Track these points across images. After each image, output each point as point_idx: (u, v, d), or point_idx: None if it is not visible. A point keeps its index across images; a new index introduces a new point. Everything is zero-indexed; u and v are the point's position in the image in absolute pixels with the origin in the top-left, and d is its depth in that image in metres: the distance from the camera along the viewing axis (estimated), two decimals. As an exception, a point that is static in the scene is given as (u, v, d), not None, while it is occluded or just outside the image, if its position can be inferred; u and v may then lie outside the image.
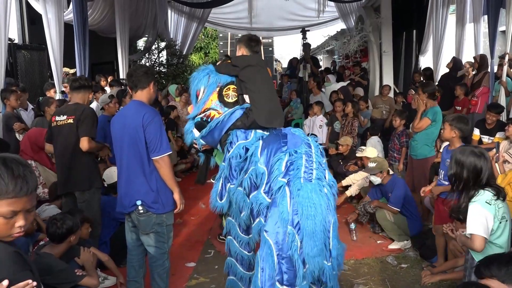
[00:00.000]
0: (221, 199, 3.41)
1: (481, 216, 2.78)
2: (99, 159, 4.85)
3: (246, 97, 3.35)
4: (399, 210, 4.94)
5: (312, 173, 2.88)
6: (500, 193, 2.85)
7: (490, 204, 2.79)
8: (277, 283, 2.82)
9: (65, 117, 4.11)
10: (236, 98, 3.40)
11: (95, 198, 4.24)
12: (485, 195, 2.82)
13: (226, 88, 3.41)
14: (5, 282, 1.53)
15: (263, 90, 3.33)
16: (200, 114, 3.46)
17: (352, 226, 5.25)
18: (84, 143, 4.03)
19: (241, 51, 3.60)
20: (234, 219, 3.40)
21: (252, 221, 3.18)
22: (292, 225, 2.77)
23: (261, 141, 3.19)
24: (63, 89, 7.34)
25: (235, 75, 3.40)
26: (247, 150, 3.26)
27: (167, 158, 3.38)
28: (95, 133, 4.09)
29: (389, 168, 5.36)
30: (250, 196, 3.12)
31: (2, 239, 1.64)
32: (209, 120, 3.40)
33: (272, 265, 2.83)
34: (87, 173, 4.20)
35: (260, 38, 3.72)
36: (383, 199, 5.26)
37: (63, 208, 4.28)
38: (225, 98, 3.38)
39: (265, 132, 3.34)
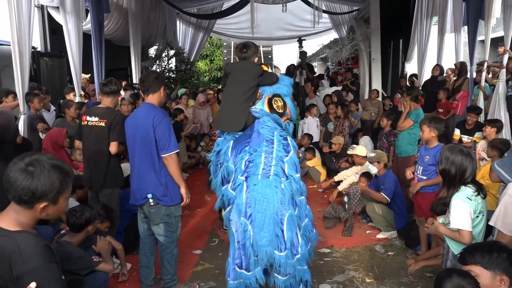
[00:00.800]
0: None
1: (466, 211, 2.77)
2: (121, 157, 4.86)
3: None
4: (389, 200, 4.93)
5: (270, 169, 2.86)
6: (481, 191, 2.84)
7: (471, 200, 2.78)
8: (236, 267, 2.87)
9: (96, 119, 4.04)
10: None
11: (115, 193, 4.25)
12: (466, 191, 2.82)
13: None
14: (33, 285, 1.57)
15: (226, 96, 3.35)
16: None
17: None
18: (114, 148, 4.03)
19: (237, 59, 3.63)
20: None
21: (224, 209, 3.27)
22: (245, 216, 2.79)
23: (232, 142, 3.20)
24: (82, 94, 7.32)
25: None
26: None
27: (174, 155, 3.39)
28: (124, 138, 4.11)
29: (387, 163, 5.38)
30: (222, 188, 3.19)
31: (52, 219, 1.77)
32: None
33: (234, 250, 2.89)
34: (113, 172, 4.19)
35: (260, 46, 3.68)
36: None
37: (89, 202, 4.25)
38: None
39: (238, 133, 3.31)
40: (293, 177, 2.96)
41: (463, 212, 2.77)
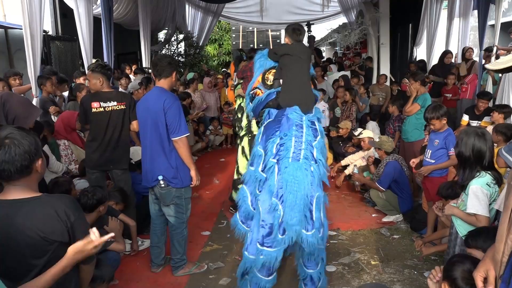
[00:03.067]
0: None
1: (484, 196, 2.74)
2: None
3: (281, 82, 3.32)
4: (383, 190, 4.94)
5: (300, 153, 2.91)
6: (499, 180, 2.81)
7: (490, 187, 2.76)
8: (257, 244, 2.93)
9: (114, 103, 3.99)
10: (272, 82, 3.37)
11: (128, 173, 4.30)
12: (486, 178, 2.79)
13: (268, 71, 3.40)
14: (94, 230, 1.79)
15: (294, 78, 3.26)
16: (251, 91, 3.49)
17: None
18: (136, 125, 4.00)
19: (286, 40, 3.54)
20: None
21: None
22: (277, 197, 2.84)
23: (262, 127, 3.20)
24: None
25: (277, 61, 3.37)
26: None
27: (185, 138, 3.40)
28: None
29: (390, 150, 5.33)
30: (251, 169, 3.20)
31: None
32: (255, 97, 3.45)
33: (258, 229, 2.94)
34: (128, 152, 4.28)
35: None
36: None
37: (92, 184, 4.26)
38: (265, 80, 3.38)
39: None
40: (321, 161, 3.02)
41: (482, 197, 2.75)
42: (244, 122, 5.00)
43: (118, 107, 4.02)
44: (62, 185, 3.68)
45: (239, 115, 5.12)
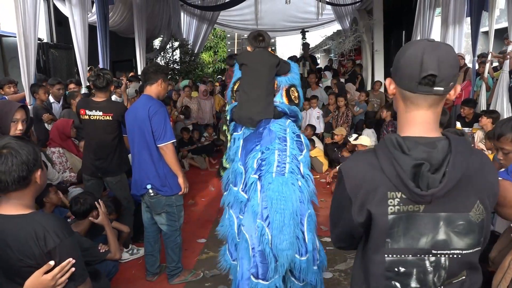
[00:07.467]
0: None
1: None
2: None
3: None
4: None
5: (285, 167, 2.60)
6: None
7: None
8: (251, 277, 2.54)
9: (100, 113, 3.93)
10: (235, 95, 3.22)
11: (124, 178, 4.24)
12: None
13: (235, 82, 3.28)
14: (52, 262, 1.62)
15: (247, 91, 3.01)
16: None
17: None
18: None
19: (248, 48, 3.39)
20: None
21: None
22: (262, 218, 2.50)
23: (241, 141, 2.94)
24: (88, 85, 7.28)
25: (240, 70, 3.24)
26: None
27: (171, 145, 3.35)
28: None
29: None
30: (228, 189, 2.92)
31: (43, 187, 1.81)
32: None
33: (248, 259, 2.58)
34: (122, 159, 4.21)
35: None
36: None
37: (87, 189, 4.22)
38: (233, 93, 3.26)
39: (251, 129, 3.04)
40: (310, 177, 2.70)
41: None
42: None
43: (104, 117, 3.95)
44: None
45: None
